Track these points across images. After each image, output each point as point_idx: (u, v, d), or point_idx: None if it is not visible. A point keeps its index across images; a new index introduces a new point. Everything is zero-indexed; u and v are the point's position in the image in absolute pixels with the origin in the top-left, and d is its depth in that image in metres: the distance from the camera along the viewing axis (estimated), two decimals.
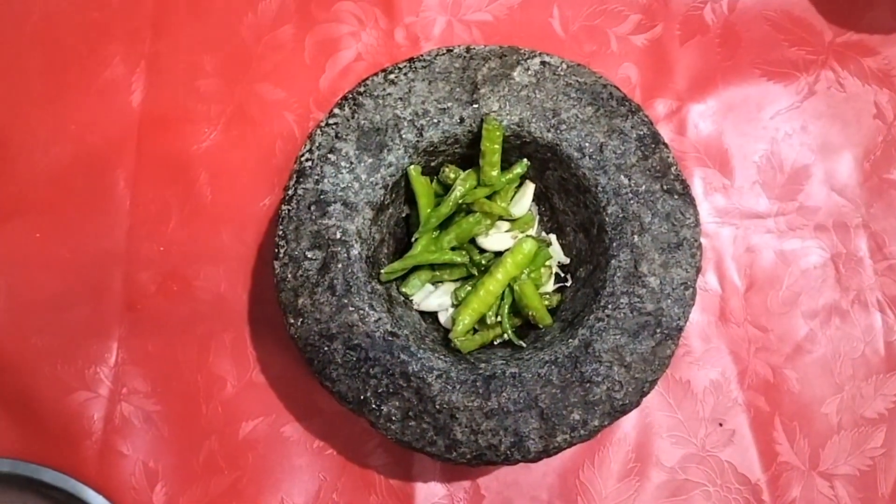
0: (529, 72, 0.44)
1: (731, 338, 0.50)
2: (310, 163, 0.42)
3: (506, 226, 0.46)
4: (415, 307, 0.46)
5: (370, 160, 0.42)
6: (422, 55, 0.44)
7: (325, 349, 0.40)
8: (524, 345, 0.44)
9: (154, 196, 0.51)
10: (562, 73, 0.44)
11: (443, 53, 0.44)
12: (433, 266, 0.46)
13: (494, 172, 0.44)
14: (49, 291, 0.49)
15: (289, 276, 0.41)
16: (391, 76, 0.43)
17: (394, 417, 0.40)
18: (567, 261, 0.46)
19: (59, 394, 0.48)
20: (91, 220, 0.51)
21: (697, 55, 0.54)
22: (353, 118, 0.43)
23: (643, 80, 0.54)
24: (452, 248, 0.45)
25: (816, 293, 0.51)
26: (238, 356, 0.49)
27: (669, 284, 0.41)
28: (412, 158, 0.43)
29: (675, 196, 0.42)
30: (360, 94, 0.43)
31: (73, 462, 0.47)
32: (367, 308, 0.41)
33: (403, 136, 0.43)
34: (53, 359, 0.48)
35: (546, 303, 0.45)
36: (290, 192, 0.42)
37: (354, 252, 0.41)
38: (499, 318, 0.44)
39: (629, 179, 0.43)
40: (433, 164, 0.45)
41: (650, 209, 0.42)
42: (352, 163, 0.42)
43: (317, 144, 0.42)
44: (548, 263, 0.46)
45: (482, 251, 0.46)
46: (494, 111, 0.43)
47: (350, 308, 0.41)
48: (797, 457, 0.48)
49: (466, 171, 0.45)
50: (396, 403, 0.40)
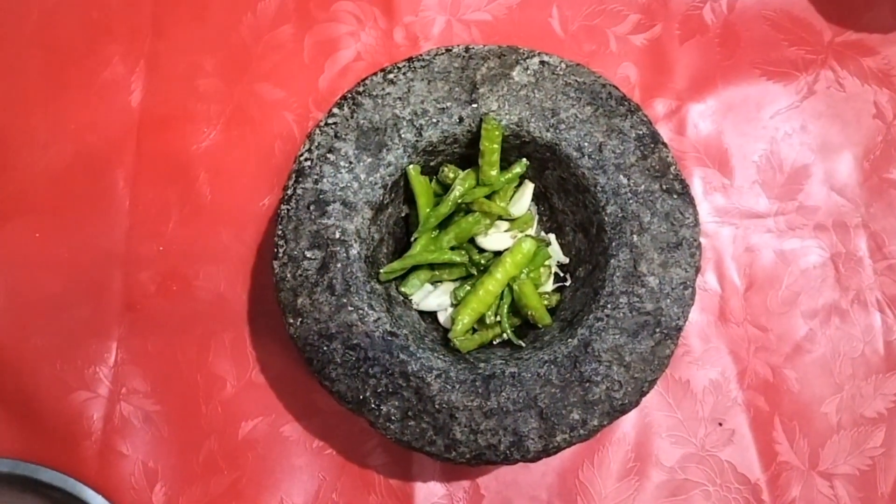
0: (528, 71, 0.44)
1: (731, 337, 0.50)
2: (309, 162, 0.42)
3: (505, 225, 0.46)
4: (414, 307, 0.46)
5: (369, 160, 0.42)
6: (421, 55, 0.44)
7: (325, 349, 0.40)
8: (523, 344, 0.44)
9: (154, 196, 0.51)
10: (561, 73, 0.44)
11: (442, 53, 0.44)
12: (432, 266, 0.46)
13: (493, 172, 0.44)
14: (49, 291, 0.49)
15: (288, 276, 0.41)
16: (390, 76, 0.43)
17: (393, 417, 0.40)
18: (566, 260, 0.46)
19: (59, 394, 0.48)
20: (91, 220, 0.51)
21: (697, 55, 0.54)
22: (353, 118, 0.43)
23: (642, 80, 0.54)
24: (452, 248, 0.45)
25: (816, 293, 0.51)
26: (237, 356, 0.49)
27: (669, 284, 0.41)
28: (411, 158, 0.43)
29: (675, 196, 0.42)
30: (360, 94, 0.43)
31: (73, 462, 0.47)
32: (367, 308, 0.41)
33: (402, 136, 0.43)
34: (53, 359, 0.48)
35: (545, 302, 0.45)
36: (290, 192, 0.42)
37: (353, 252, 0.41)
38: (498, 318, 0.44)
39: (628, 179, 0.43)
40: (432, 164, 0.45)
41: (649, 209, 0.42)
42: (351, 162, 0.42)
43: (316, 144, 0.42)
44: (547, 263, 0.46)
45: (481, 251, 0.46)
46: (493, 111, 0.43)
47: (349, 308, 0.41)
48: (797, 456, 0.48)
49: (465, 171, 0.45)
50: (396, 403, 0.40)
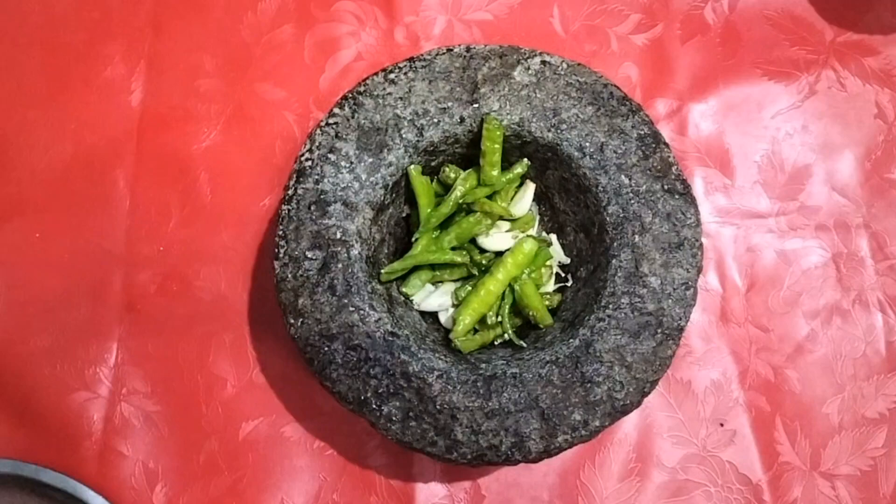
0: (530, 71, 0.44)
1: (732, 338, 0.50)
2: (310, 162, 0.42)
3: (506, 226, 0.46)
4: (415, 307, 0.46)
5: (370, 160, 0.42)
6: (422, 55, 0.44)
7: (326, 349, 0.40)
8: (525, 345, 0.44)
9: (154, 196, 0.51)
10: (562, 73, 0.44)
11: (443, 53, 0.44)
12: (433, 266, 0.46)
13: (495, 172, 0.44)
14: (49, 291, 0.49)
15: (289, 276, 0.41)
16: (391, 76, 0.43)
17: (394, 418, 0.40)
18: (568, 261, 0.46)
19: (59, 394, 0.48)
20: (91, 220, 0.50)
21: (698, 55, 0.54)
22: (354, 118, 0.43)
23: (644, 80, 0.54)
24: (453, 248, 0.45)
25: (817, 293, 0.51)
26: (238, 356, 0.49)
27: (670, 284, 0.41)
28: (412, 158, 0.43)
29: (676, 196, 0.42)
30: (360, 94, 0.43)
31: (73, 462, 0.46)
32: (368, 308, 0.41)
33: (404, 136, 0.43)
34: (53, 359, 0.48)
35: (547, 303, 0.45)
36: (290, 192, 0.42)
37: (354, 252, 0.41)
38: (499, 318, 0.44)
39: (630, 179, 0.42)
40: (433, 164, 0.45)
41: (651, 209, 0.42)
42: (352, 162, 0.42)
43: (317, 144, 0.42)
44: (548, 263, 0.46)
45: (482, 251, 0.46)
46: (495, 111, 0.43)
47: (350, 308, 0.41)
48: (798, 457, 0.48)
49: (467, 171, 0.45)
50: (397, 404, 0.40)
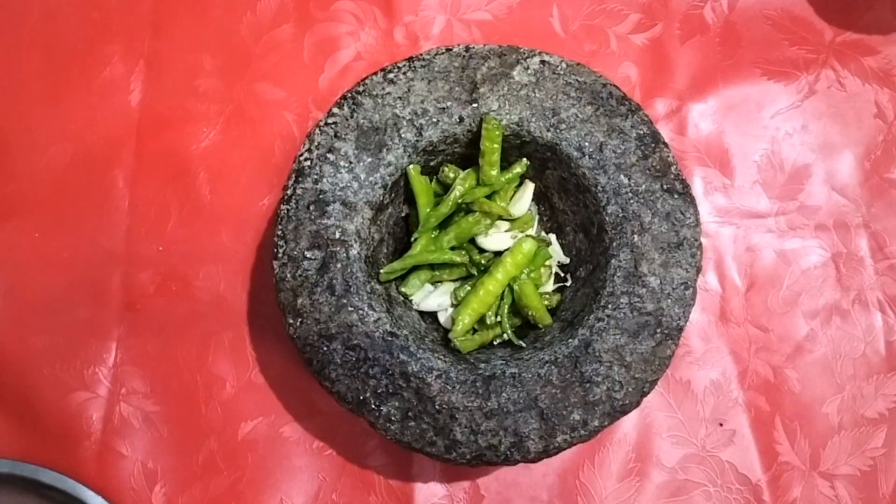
0: (529, 71, 0.44)
1: (732, 338, 0.50)
2: (309, 162, 0.42)
3: (505, 225, 0.46)
4: (414, 307, 0.46)
5: (369, 160, 0.42)
6: (421, 54, 0.44)
7: (325, 349, 0.40)
8: (524, 345, 0.44)
9: (153, 196, 0.51)
10: (561, 73, 0.44)
11: (442, 53, 0.44)
12: (432, 266, 0.45)
13: (494, 172, 0.44)
14: (49, 291, 0.49)
15: (288, 276, 0.41)
16: (390, 75, 0.43)
17: (393, 418, 0.40)
18: (567, 260, 0.46)
19: (58, 394, 0.48)
20: (90, 220, 0.50)
21: (697, 54, 0.54)
22: (353, 117, 0.43)
23: (643, 80, 0.54)
24: (452, 248, 0.45)
25: (817, 293, 0.51)
26: (237, 356, 0.49)
27: (670, 284, 0.41)
28: (411, 158, 0.43)
29: (676, 195, 0.42)
30: (360, 94, 0.43)
31: (72, 462, 0.46)
32: (367, 308, 0.41)
33: (403, 136, 0.43)
34: (52, 359, 0.48)
35: (546, 303, 0.45)
36: (289, 192, 0.42)
37: (354, 252, 0.41)
38: (498, 318, 0.44)
39: (629, 179, 0.42)
40: (432, 164, 0.45)
41: (650, 209, 0.42)
42: (351, 162, 0.42)
43: (316, 144, 0.42)
44: (547, 263, 0.46)
45: (482, 251, 0.46)
46: (494, 110, 0.43)
47: (349, 308, 0.41)
48: (798, 457, 0.48)
49: (466, 171, 0.45)
50: (396, 404, 0.40)
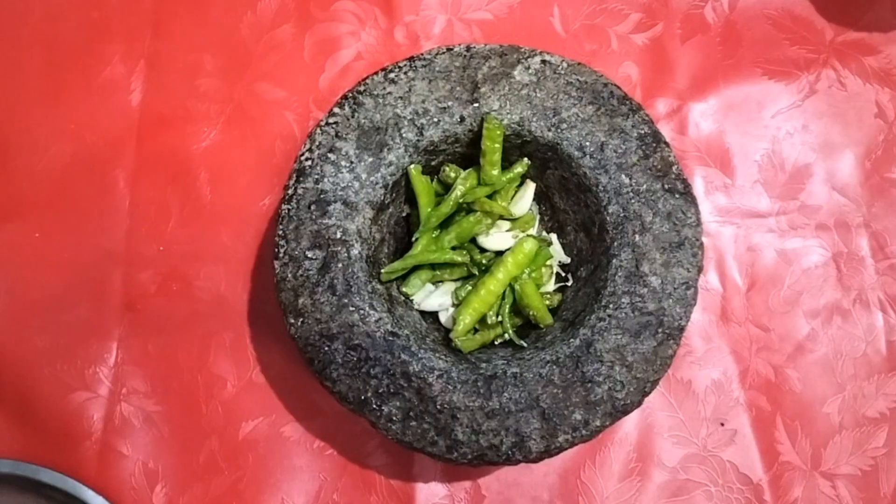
0: (530, 70, 0.44)
1: (733, 337, 0.50)
2: (310, 162, 0.42)
3: (506, 225, 0.46)
4: (415, 307, 0.45)
5: (370, 159, 0.42)
6: (422, 54, 0.44)
7: (326, 349, 0.40)
8: (525, 344, 0.44)
9: (154, 196, 0.51)
10: (562, 72, 0.44)
11: (443, 52, 0.44)
12: (433, 266, 0.45)
13: (495, 171, 0.44)
14: (49, 291, 0.49)
15: (289, 276, 0.41)
16: (391, 75, 0.43)
17: (394, 418, 0.40)
18: (568, 260, 0.46)
19: (59, 394, 0.48)
20: (91, 220, 0.50)
21: (698, 54, 0.54)
22: (354, 117, 0.43)
23: (644, 79, 0.54)
24: (453, 248, 0.45)
25: (818, 292, 0.51)
26: (238, 356, 0.49)
27: (671, 284, 0.41)
28: (412, 157, 0.43)
29: (677, 195, 0.42)
30: (360, 94, 0.43)
31: (73, 462, 0.46)
32: (368, 308, 0.41)
33: (404, 136, 0.43)
34: (53, 359, 0.48)
35: (547, 302, 0.45)
36: (290, 192, 0.42)
37: (355, 252, 0.41)
38: (499, 318, 0.44)
39: (630, 178, 0.42)
40: (433, 164, 0.45)
41: (651, 208, 0.42)
42: (352, 162, 0.42)
43: (317, 143, 0.42)
44: (548, 263, 0.46)
45: (483, 250, 0.46)
46: (495, 110, 0.43)
47: (350, 308, 0.40)
48: (799, 456, 0.48)
49: (467, 171, 0.45)
50: (397, 403, 0.40)
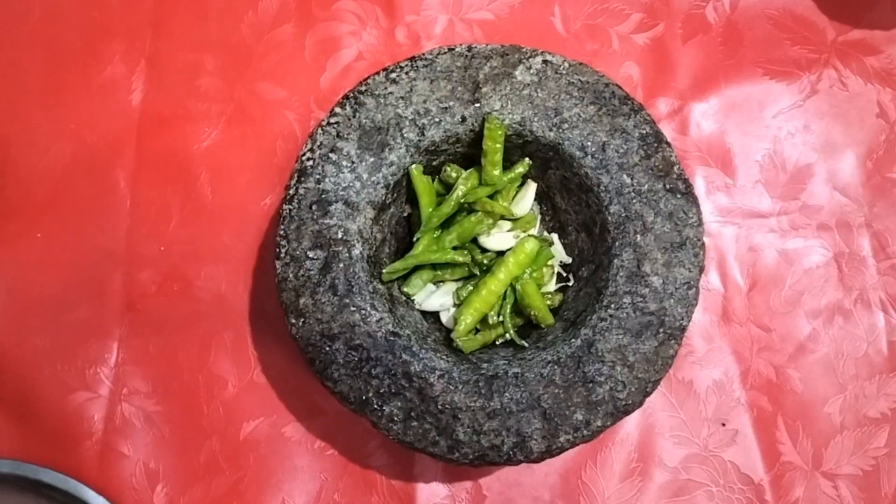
0: (531, 71, 0.44)
1: (734, 337, 0.50)
2: (311, 162, 0.42)
3: (508, 225, 0.46)
4: (416, 307, 0.45)
5: (372, 159, 0.42)
6: (423, 54, 0.44)
7: (327, 349, 0.40)
8: (526, 345, 0.44)
9: (154, 195, 0.51)
10: (564, 72, 0.44)
11: (444, 52, 0.44)
12: (435, 266, 0.45)
13: (496, 172, 0.44)
14: (49, 291, 0.49)
15: (290, 276, 0.41)
16: (392, 75, 0.43)
17: (396, 418, 0.40)
18: (569, 260, 0.46)
19: (60, 394, 0.47)
20: (91, 220, 0.50)
21: (699, 54, 0.54)
22: (355, 117, 0.43)
23: (645, 79, 0.54)
24: (454, 248, 0.45)
25: (819, 292, 0.51)
26: (239, 356, 0.49)
27: (672, 284, 0.41)
28: (414, 157, 0.43)
29: (678, 195, 0.42)
30: (362, 93, 0.43)
31: (74, 463, 0.46)
32: (369, 308, 0.41)
33: (405, 135, 0.43)
34: (53, 359, 0.48)
35: (548, 302, 0.45)
36: (291, 192, 0.42)
37: (356, 252, 0.41)
38: (501, 318, 0.44)
39: (632, 178, 0.42)
40: (435, 164, 0.45)
41: (653, 208, 0.42)
42: (353, 162, 0.42)
43: (318, 143, 0.42)
44: (550, 263, 0.46)
45: (484, 251, 0.46)
46: (496, 110, 0.43)
47: (352, 308, 0.40)
48: (800, 457, 0.48)
49: (468, 171, 0.45)
50: (398, 404, 0.40)
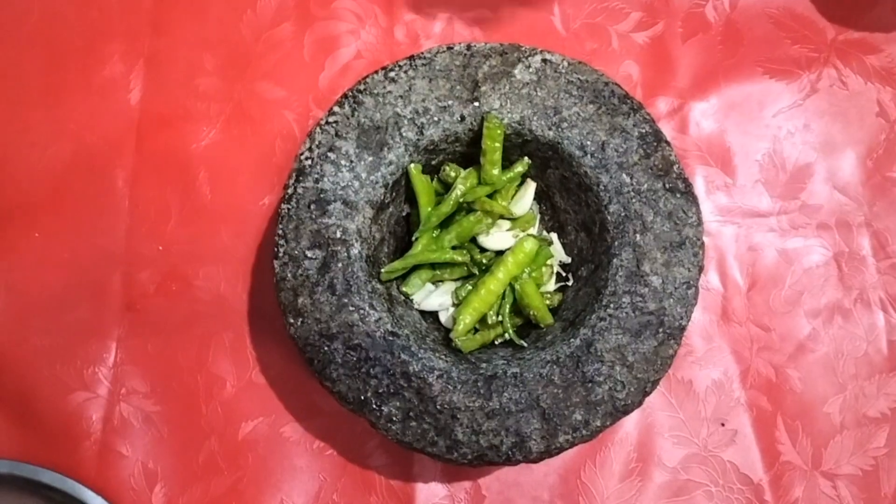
0: (530, 69, 0.43)
1: (734, 337, 0.50)
2: (309, 161, 0.42)
3: (507, 225, 0.46)
4: (415, 307, 0.45)
5: (370, 158, 0.42)
6: (422, 53, 0.44)
7: (326, 349, 0.40)
8: (525, 344, 0.44)
9: (153, 195, 0.51)
10: (563, 71, 0.44)
11: (443, 51, 0.44)
12: (434, 265, 0.45)
13: (495, 171, 0.44)
14: (48, 291, 0.49)
15: (288, 276, 0.41)
16: (391, 74, 0.43)
17: (394, 418, 0.40)
18: (568, 260, 0.46)
19: (58, 394, 0.47)
20: (90, 220, 0.50)
21: (699, 53, 0.54)
22: (354, 116, 0.43)
23: (644, 78, 0.54)
24: (453, 247, 0.45)
25: (819, 292, 0.50)
26: (238, 356, 0.49)
27: (672, 283, 0.41)
28: (412, 157, 0.43)
29: (678, 194, 0.42)
30: (360, 92, 0.43)
31: (72, 463, 0.46)
32: (368, 307, 0.40)
33: (404, 135, 0.43)
34: (52, 359, 0.48)
35: (547, 302, 0.45)
36: (290, 191, 0.42)
37: (355, 251, 0.41)
38: (500, 318, 0.44)
39: (631, 178, 0.42)
40: (434, 163, 0.45)
41: (652, 208, 0.42)
42: (352, 161, 0.42)
43: (317, 143, 0.42)
44: (549, 262, 0.45)
45: (483, 250, 0.46)
46: (495, 109, 0.43)
47: (350, 308, 0.40)
48: (799, 456, 0.48)
49: (467, 170, 0.45)
50: (397, 404, 0.40)
